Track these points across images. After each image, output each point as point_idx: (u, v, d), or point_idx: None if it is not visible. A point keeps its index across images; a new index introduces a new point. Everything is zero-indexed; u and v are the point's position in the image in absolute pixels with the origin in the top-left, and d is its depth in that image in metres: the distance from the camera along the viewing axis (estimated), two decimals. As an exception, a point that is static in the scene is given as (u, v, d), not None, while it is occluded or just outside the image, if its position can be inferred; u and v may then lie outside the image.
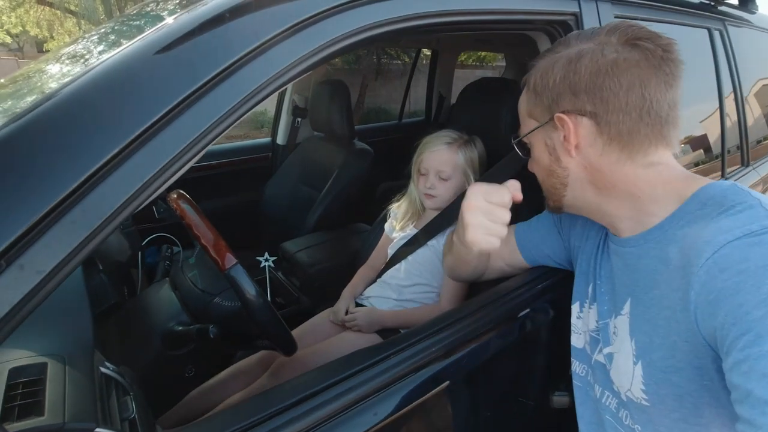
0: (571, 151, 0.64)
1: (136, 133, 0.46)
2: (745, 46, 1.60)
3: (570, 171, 0.66)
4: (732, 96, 1.50)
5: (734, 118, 1.52)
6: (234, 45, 0.52)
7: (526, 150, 0.73)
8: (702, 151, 1.42)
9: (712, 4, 1.44)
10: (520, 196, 0.69)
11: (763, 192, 1.59)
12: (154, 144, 0.47)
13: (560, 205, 0.72)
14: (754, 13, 1.77)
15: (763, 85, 1.76)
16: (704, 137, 1.42)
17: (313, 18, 0.59)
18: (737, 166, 1.57)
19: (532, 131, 0.69)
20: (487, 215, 0.68)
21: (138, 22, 0.76)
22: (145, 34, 0.54)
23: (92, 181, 0.43)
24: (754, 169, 1.59)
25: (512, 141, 0.74)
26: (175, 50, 0.51)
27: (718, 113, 1.43)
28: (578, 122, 0.62)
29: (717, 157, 1.46)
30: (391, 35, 0.68)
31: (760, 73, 1.74)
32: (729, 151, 1.49)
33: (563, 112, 0.63)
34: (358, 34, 0.63)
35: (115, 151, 0.44)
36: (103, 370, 0.59)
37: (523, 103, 0.71)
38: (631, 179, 0.63)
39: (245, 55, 0.53)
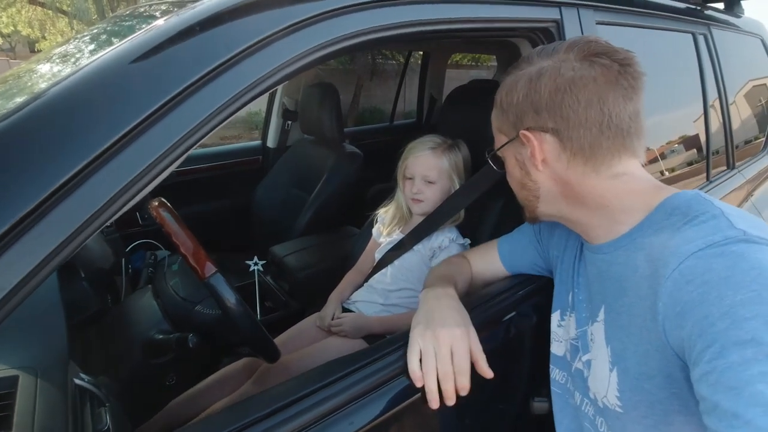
0: (539, 165, 0.66)
1: (104, 147, 0.45)
2: (731, 50, 1.61)
3: (540, 184, 0.68)
4: (717, 99, 1.51)
5: (719, 121, 1.53)
6: (216, 49, 0.52)
7: (501, 163, 0.75)
8: (687, 154, 1.43)
9: (697, 8, 1.45)
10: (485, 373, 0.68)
11: (749, 194, 1.61)
12: (122, 157, 0.47)
13: (535, 216, 0.73)
14: (739, 16, 1.79)
15: (749, 88, 1.77)
16: (689, 141, 1.43)
17: (299, 24, 0.59)
18: (723, 169, 1.58)
19: (501, 147, 0.71)
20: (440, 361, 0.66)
21: (130, 23, 0.76)
22: (130, 37, 0.54)
23: (61, 193, 0.42)
24: (739, 171, 1.60)
25: (487, 155, 0.76)
26: (155, 57, 0.51)
27: (702, 117, 1.44)
28: (542, 138, 0.64)
29: (702, 160, 1.47)
30: (377, 43, 0.69)
31: (745, 76, 1.75)
32: (717, 152, 1.50)
33: (527, 129, 0.64)
34: (342, 41, 0.63)
35: (82, 164, 0.44)
36: (77, 381, 0.58)
37: (494, 119, 0.73)
38: (598, 191, 0.64)
39: (226, 61, 0.53)
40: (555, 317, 0.79)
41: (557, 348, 0.79)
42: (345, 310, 1.23)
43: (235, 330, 0.78)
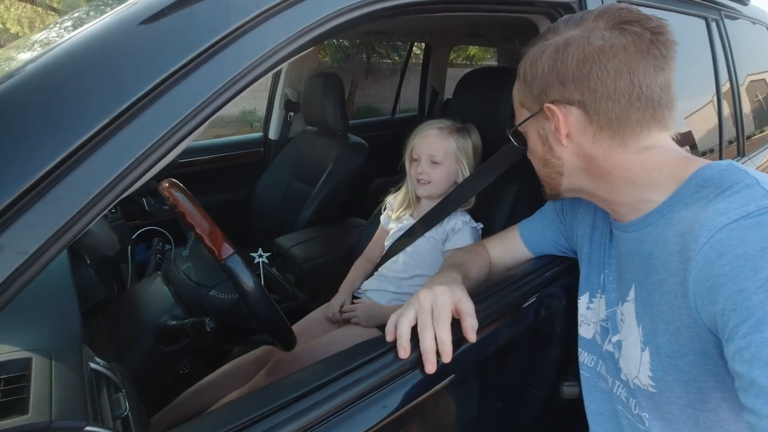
0: (563, 140, 0.63)
1: (126, 105, 0.42)
2: (740, 37, 1.60)
3: (564, 160, 0.65)
4: (728, 86, 1.50)
5: (731, 108, 1.52)
6: (231, 13, 0.49)
7: (522, 139, 0.72)
8: (700, 141, 1.41)
9: (707, -6, 1.44)
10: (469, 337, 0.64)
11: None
12: (145, 117, 0.43)
13: (557, 193, 0.71)
14: (746, 4, 1.78)
15: (758, 76, 1.76)
16: (702, 128, 1.41)
17: None
18: (734, 157, 1.57)
19: (524, 121, 0.68)
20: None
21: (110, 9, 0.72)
22: (125, 5, 0.51)
23: (79, 154, 0.39)
24: (749, 159, 1.59)
25: (507, 131, 0.73)
26: (166, 19, 0.47)
27: (715, 103, 1.43)
28: (567, 112, 0.61)
29: (712, 150, 1.46)
30: (391, 12, 0.65)
31: (754, 64, 1.74)
32: (729, 141, 1.49)
33: (552, 102, 0.62)
34: (359, 8, 0.60)
35: (104, 122, 0.40)
36: (92, 365, 0.55)
37: (516, 93, 0.69)
38: (625, 165, 0.61)
39: (244, 24, 0.50)
40: (583, 300, 0.77)
41: (585, 331, 0.77)
42: (356, 299, 1.21)
43: (252, 315, 0.75)
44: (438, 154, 1.13)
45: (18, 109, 0.40)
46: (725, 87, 1.47)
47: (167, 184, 0.78)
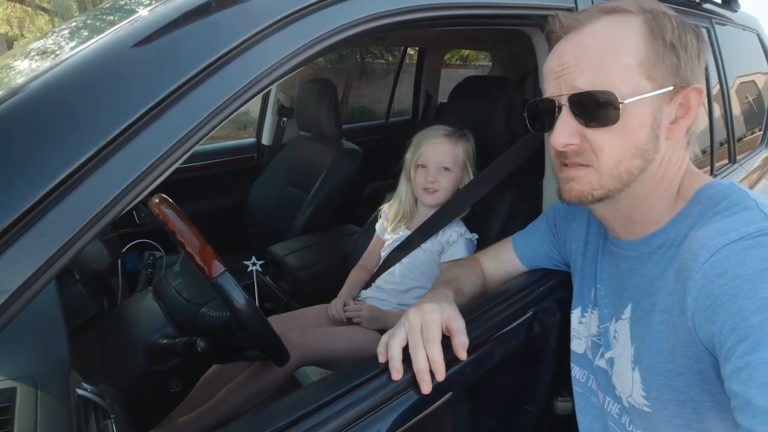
0: (676, 133, 0.55)
1: (113, 135, 0.41)
2: (730, 44, 1.61)
3: (656, 157, 0.56)
4: (720, 94, 1.51)
5: (722, 115, 1.53)
6: (222, 37, 0.48)
7: (613, 116, 0.54)
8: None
9: (698, 1, 1.44)
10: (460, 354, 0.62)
11: (751, 187, 1.61)
12: (133, 146, 0.42)
13: (590, 200, 0.60)
14: (735, 11, 1.79)
15: (748, 82, 1.78)
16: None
17: (307, 9, 0.55)
18: (725, 162, 1.58)
19: (648, 95, 0.53)
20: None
21: (111, 17, 0.71)
22: (122, 24, 0.50)
23: (63, 188, 0.38)
24: (740, 165, 1.60)
25: (620, 101, 0.53)
26: (158, 41, 0.46)
27: (707, 112, 1.43)
28: (699, 105, 0.55)
29: (705, 155, 1.46)
30: (385, 29, 0.65)
31: (744, 71, 1.76)
32: (720, 144, 1.50)
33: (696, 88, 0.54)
34: (353, 27, 0.60)
35: (90, 153, 0.39)
36: (80, 392, 0.54)
37: (636, 53, 0.54)
38: (677, 178, 0.59)
39: (234, 48, 0.49)
40: (575, 314, 0.77)
41: (577, 345, 0.77)
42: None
43: (244, 332, 0.74)
44: (448, 161, 1.13)
45: (5, 135, 0.39)
46: (716, 96, 1.48)
47: (157, 200, 0.77)
